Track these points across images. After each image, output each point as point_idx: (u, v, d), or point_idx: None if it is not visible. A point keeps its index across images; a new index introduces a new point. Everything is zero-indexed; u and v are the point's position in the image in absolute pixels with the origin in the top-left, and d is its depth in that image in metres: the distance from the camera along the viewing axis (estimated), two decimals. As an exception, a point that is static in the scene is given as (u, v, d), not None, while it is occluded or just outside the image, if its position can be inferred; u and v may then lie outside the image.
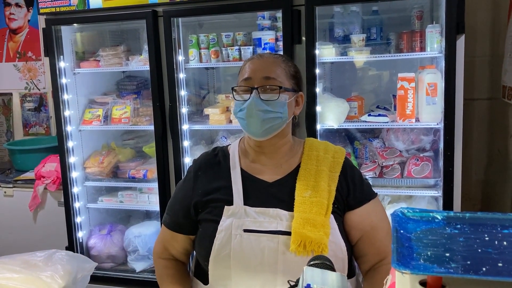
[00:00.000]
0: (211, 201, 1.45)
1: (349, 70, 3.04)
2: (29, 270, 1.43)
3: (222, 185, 1.45)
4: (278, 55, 1.52)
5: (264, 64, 1.43)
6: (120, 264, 3.19)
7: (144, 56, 2.88)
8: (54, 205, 3.27)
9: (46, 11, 2.91)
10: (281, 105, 1.40)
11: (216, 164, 1.51)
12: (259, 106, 1.38)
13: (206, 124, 2.89)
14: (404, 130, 2.69)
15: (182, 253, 1.57)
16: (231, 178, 1.45)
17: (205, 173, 1.50)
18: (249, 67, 1.43)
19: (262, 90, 1.38)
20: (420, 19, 2.60)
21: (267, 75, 1.39)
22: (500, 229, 0.73)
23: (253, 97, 1.38)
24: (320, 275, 0.90)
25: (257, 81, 1.39)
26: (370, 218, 1.42)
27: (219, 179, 1.47)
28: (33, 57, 3.95)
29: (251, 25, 2.80)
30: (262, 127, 1.39)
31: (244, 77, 1.41)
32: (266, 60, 1.44)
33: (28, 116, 4.03)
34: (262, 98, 1.38)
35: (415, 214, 0.78)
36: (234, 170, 1.47)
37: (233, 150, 1.52)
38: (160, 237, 1.60)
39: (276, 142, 1.45)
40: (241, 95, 1.42)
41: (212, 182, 1.47)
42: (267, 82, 1.39)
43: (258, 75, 1.40)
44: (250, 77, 1.40)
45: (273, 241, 1.35)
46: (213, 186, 1.46)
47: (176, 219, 1.52)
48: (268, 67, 1.41)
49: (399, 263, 0.64)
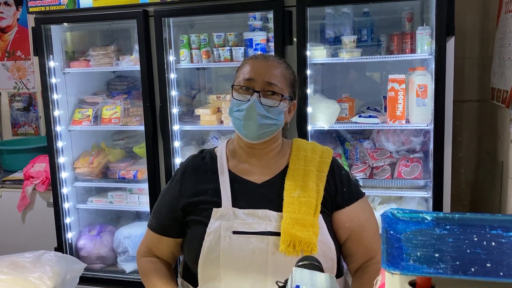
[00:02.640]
0: (199, 203, 1.44)
1: (340, 72, 3.05)
2: (17, 272, 1.41)
3: (210, 188, 1.45)
4: (282, 60, 1.49)
5: (268, 67, 1.41)
6: (109, 265, 3.17)
7: (135, 56, 2.86)
8: (43, 205, 3.24)
9: (36, 10, 2.88)
10: (279, 113, 1.40)
11: (203, 166, 1.50)
12: (259, 110, 1.37)
13: (197, 124, 2.88)
14: (394, 131, 2.70)
15: (168, 257, 1.55)
16: (219, 180, 1.45)
17: (192, 176, 1.49)
18: (252, 67, 1.41)
19: (263, 95, 1.38)
20: (411, 21, 2.61)
21: (270, 81, 1.39)
22: (488, 229, 0.73)
23: (254, 100, 1.37)
24: (309, 276, 0.90)
25: (259, 84, 1.38)
26: (358, 218, 1.43)
27: (207, 182, 1.46)
28: (22, 56, 3.91)
29: (242, 25, 2.80)
30: (257, 131, 1.39)
31: (246, 77, 1.40)
32: (271, 64, 1.42)
33: (17, 116, 3.99)
34: (263, 102, 1.38)
35: (405, 215, 0.79)
36: (222, 172, 1.46)
37: (221, 152, 1.51)
38: (144, 241, 1.57)
39: (267, 145, 1.45)
40: (241, 95, 1.40)
41: (200, 184, 1.47)
42: (270, 88, 1.38)
43: (261, 78, 1.38)
44: (253, 78, 1.39)
45: (263, 242, 1.34)
46: (200, 189, 1.46)
47: (162, 222, 1.51)
48: (271, 72, 1.40)
49: (388, 264, 0.65)
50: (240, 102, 1.39)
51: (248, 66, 1.42)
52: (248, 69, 1.41)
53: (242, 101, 1.39)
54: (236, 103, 1.40)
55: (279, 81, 1.40)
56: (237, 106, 1.40)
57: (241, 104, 1.39)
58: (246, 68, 1.42)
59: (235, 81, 1.44)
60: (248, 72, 1.41)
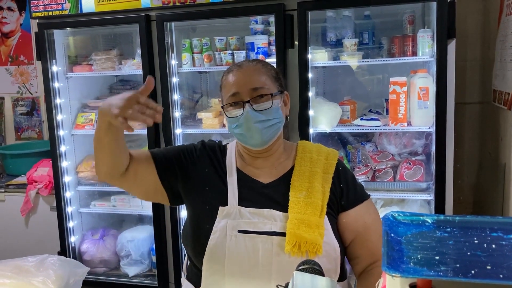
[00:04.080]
0: (205, 195, 1.45)
1: (342, 74, 3.05)
2: (21, 276, 1.42)
3: (218, 184, 1.46)
4: (255, 61, 1.49)
5: (247, 74, 1.40)
6: (112, 269, 3.18)
7: (137, 60, 2.87)
8: (46, 209, 3.25)
9: (39, 15, 2.90)
10: (276, 111, 1.40)
11: (217, 158, 1.51)
12: (255, 118, 1.37)
13: (199, 128, 2.89)
14: (396, 134, 2.70)
15: (139, 163, 1.46)
16: (227, 178, 1.46)
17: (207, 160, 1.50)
18: (232, 81, 1.40)
19: (253, 101, 1.38)
20: (412, 23, 2.62)
21: (254, 86, 1.38)
22: (489, 232, 0.74)
23: (248, 110, 1.37)
24: (310, 280, 0.91)
25: (246, 94, 1.38)
26: (363, 219, 1.43)
27: (216, 174, 1.47)
28: (25, 61, 3.93)
29: (244, 29, 2.81)
30: (262, 137, 1.39)
31: (231, 93, 1.39)
32: (247, 70, 1.42)
33: (20, 120, 4.01)
34: (256, 109, 1.38)
35: (406, 217, 0.79)
36: (230, 169, 1.47)
37: (231, 149, 1.53)
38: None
39: (272, 145, 1.46)
40: (232, 112, 1.40)
41: (209, 174, 1.48)
42: (257, 93, 1.38)
43: (245, 88, 1.38)
44: (238, 91, 1.38)
45: (268, 242, 1.35)
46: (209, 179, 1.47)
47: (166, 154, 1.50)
48: (252, 78, 1.40)
49: (389, 267, 0.65)
50: (235, 118, 1.39)
51: (228, 82, 1.42)
52: (230, 84, 1.41)
53: (236, 117, 1.39)
54: (232, 120, 1.40)
55: (262, 83, 1.40)
56: (234, 122, 1.40)
57: (237, 120, 1.39)
58: (228, 85, 1.42)
59: (223, 101, 1.44)
60: (230, 87, 1.40)
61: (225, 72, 1.47)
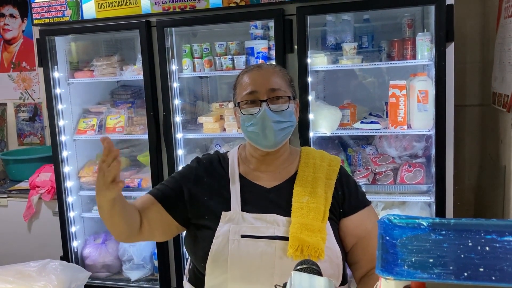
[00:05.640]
0: (207, 205, 1.46)
1: (342, 78, 3.07)
2: (23, 281, 1.43)
3: (220, 191, 1.47)
4: (274, 65, 1.53)
5: (266, 75, 1.43)
6: (115, 274, 3.19)
7: (138, 66, 2.89)
8: (48, 214, 3.27)
9: (40, 22, 2.93)
10: (290, 114, 1.43)
11: (216, 168, 1.53)
12: (272, 117, 1.39)
13: (200, 132, 2.90)
14: (396, 136, 2.71)
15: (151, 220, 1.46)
16: (230, 184, 1.47)
17: (206, 173, 1.51)
18: (250, 80, 1.43)
19: (270, 102, 1.40)
20: (411, 27, 2.63)
21: (272, 87, 1.41)
22: (483, 234, 0.74)
23: (265, 109, 1.39)
24: (307, 280, 0.91)
25: (264, 93, 1.40)
26: (364, 225, 1.44)
27: (218, 183, 1.48)
28: (28, 67, 3.96)
29: (244, 34, 2.82)
30: (275, 138, 1.41)
31: (248, 91, 1.41)
32: (267, 71, 1.45)
33: (23, 126, 4.03)
34: (273, 109, 1.40)
35: (401, 220, 0.80)
36: (233, 176, 1.48)
37: (233, 156, 1.54)
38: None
39: (280, 149, 1.48)
40: (248, 109, 1.41)
41: (211, 185, 1.49)
42: (274, 94, 1.40)
43: (263, 88, 1.40)
44: (255, 90, 1.40)
45: (270, 246, 1.36)
46: (211, 189, 1.48)
47: (165, 190, 1.49)
48: (271, 79, 1.42)
49: (383, 269, 0.66)
50: (251, 116, 1.41)
51: (246, 80, 1.44)
52: (248, 82, 1.43)
53: (253, 114, 1.41)
54: (247, 118, 1.42)
55: (280, 85, 1.43)
56: (249, 120, 1.41)
57: (252, 117, 1.40)
58: (245, 82, 1.44)
59: (238, 98, 1.45)
60: (248, 85, 1.42)
61: (242, 71, 1.50)
